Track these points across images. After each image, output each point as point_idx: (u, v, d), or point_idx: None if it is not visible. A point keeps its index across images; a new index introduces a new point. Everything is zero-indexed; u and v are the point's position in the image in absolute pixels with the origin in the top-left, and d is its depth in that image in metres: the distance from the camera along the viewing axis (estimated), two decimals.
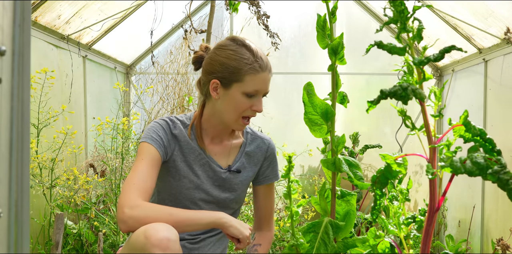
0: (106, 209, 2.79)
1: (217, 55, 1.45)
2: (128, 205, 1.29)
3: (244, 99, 1.43)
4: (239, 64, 1.42)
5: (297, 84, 3.81)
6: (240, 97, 1.43)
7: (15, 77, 0.68)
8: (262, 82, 1.43)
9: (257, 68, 1.41)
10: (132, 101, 3.86)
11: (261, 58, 1.44)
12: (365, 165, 3.86)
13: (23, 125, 0.69)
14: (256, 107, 1.44)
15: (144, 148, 1.43)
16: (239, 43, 1.45)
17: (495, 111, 2.82)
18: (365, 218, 3.35)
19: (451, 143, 1.15)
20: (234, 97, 1.43)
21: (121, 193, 1.35)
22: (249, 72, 1.41)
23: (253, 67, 1.41)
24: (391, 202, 1.49)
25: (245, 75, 1.41)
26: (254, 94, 1.44)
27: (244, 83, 1.41)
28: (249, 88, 1.42)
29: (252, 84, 1.42)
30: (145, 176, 1.37)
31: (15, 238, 0.68)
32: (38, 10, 2.51)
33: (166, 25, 3.69)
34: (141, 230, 1.25)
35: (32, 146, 2.38)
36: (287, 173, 1.31)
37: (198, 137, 1.52)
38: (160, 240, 1.21)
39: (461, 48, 1.07)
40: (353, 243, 1.40)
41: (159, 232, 1.22)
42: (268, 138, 1.63)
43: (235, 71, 1.41)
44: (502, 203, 2.68)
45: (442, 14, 3.03)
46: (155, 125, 1.49)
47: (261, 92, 1.45)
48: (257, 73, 1.42)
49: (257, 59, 1.42)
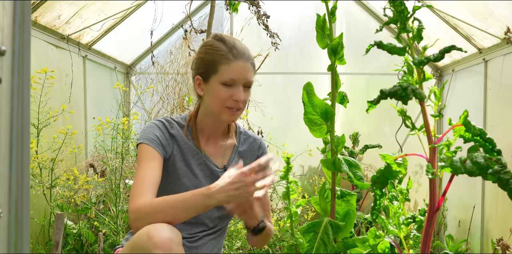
0: (106, 209, 2.79)
1: (199, 52, 1.50)
2: (131, 210, 1.33)
3: (223, 90, 1.44)
4: (214, 56, 1.44)
5: (297, 84, 3.81)
6: (219, 87, 1.44)
7: (15, 77, 0.68)
8: (236, 71, 1.43)
9: (230, 57, 1.43)
10: (132, 101, 3.86)
11: (236, 47, 1.45)
12: (365, 165, 3.86)
13: (23, 125, 0.69)
14: (236, 97, 1.43)
15: (142, 150, 1.44)
16: (217, 38, 1.48)
17: (495, 111, 2.82)
18: (365, 218, 3.35)
19: (451, 143, 1.15)
20: (214, 89, 1.44)
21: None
22: (223, 62, 1.43)
23: (226, 57, 1.43)
24: (391, 202, 1.49)
25: (219, 66, 1.43)
26: (232, 84, 1.44)
27: (220, 74, 1.43)
28: (225, 77, 1.43)
29: (226, 73, 1.43)
30: (147, 176, 1.38)
31: (15, 238, 0.68)
32: (38, 10, 2.51)
33: (166, 25, 3.69)
34: (144, 230, 1.25)
35: (32, 146, 2.38)
36: (286, 174, 1.30)
37: (194, 137, 1.53)
38: (163, 241, 1.21)
39: (461, 48, 1.07)
40: (353, 243, 1.40)
41: (162, 233, 1.22)
42: (260, 137, 1.65)
43: (210, 64, 1.45)
44: (502, 203, 2.68)
45: (442, 14, 3.03)
46: (151, 125, 1.50)
47: (238, 81, 1.44)
48: (231, 62, 1.43)
49: (231, 49, 1.44)
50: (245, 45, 1.50)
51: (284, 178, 1.31)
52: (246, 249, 2.91)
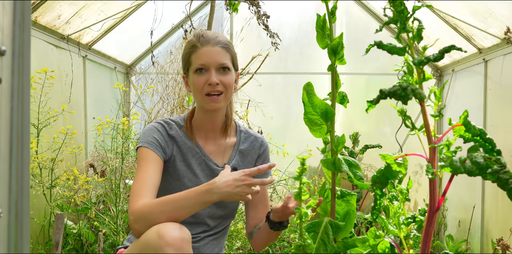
0: (106, 209, 2.79)
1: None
2: (130, 212, 1.33)
3: (197, 77, 1.47)
4: (186, 50, 1.51)
5: (297, 84, 3.81)
6: (194, 77, 1.48)
7: (15, 77, 0.68)
8: (205, 56, 1.47)
9: (197, 45, 1.47)
10: (132, 101, 3.86)
11: (203, 36, 1.49)
12: (365, 165, 3.86)
13: (23, 125, 0.69)
14: (209, 81, 1.46)
15: (142, 154, 1.45)
16: (194, 34, 1.53)
17: (495, 111, 2.82)
18: (365, 218, 3.35)
19: (451, 143, 1.15)
20: (192, 80, 1.49)
21: None
22: (192, 51, 1.48)
23: (194, 46, 1.48)
24: (391, 202, 1.49)
25: (191, 56, 1.49)
26: (204, 68, 1.47)
27: (192, 63, 1.48)
28: (196, 65, 1.47)
29: (196, 61, 1.47)
30: (146, 178, 1.39)
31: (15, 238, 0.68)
32: (38, 10, 2.51)
33: (166, 25, 3.69)
34: (154, 229, 1.25)
35: (32, 146, 2.38)
36: (300, 175, 1.30)
37: (191, 137, 1.54)
38: (174, 239, 1.21)
39: (461, 48, 1.06)
40: (353, 243, 1.40)
41: (173, 231, 1.22)
42: (261, 136, 1.65)
43: (186, 58, 1.51)
44: (502, 203, 2.68)
45: (442, 14, 3.03)
46: (150, 128, 1.51)
47: (209, 65, 1.47)
48: (198, 49, 1.47)
49: (199, 38, 1.49)
50: (220, 33, 1.54)
51: (298, 179, 1.31)
52: (246, 249, 2.91)
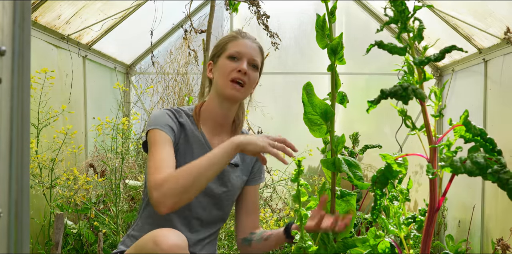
0: (106, 209, 2.79)
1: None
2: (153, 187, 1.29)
3: (228, 62, 1.53)
4: (224, 39, 1.59)
5: (296, 84, 3.80)
6: (226, 61, 1.53)
7: (15, 77, 0.68)
8: (242, 45, 1.54)
9: (238, 37, 1.57)
10: (132, 101, 3.86)
11: (243, 32, 1.59)
12: (365, 165, 3.86)
13: (23, 125, 0.69)
14: (240, 68, 1.51)
15: (155, 135, 1.43)
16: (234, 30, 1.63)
17: (495, 111, 2.82)
18: (365, 218, 3.35)
19: (451, 143, 1.15)
20: (221, 64, 1.54)
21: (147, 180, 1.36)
22: (231, 40, 1.56)
23: (234, 36, 1.57)
24: (391, 202, 1.49)
25: (227, 44, 1.56)
26: (237, 57, 1.53)
27: (227, 50, 1.55)
28: (231, 50, 1.54)
29: (233, 48, 1.54)
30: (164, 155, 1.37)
31: (15, 238, 0.68)
32: (38, 10, 2.51)
33: (166, 25, 3.68)
34: (150, 236, 1.24)
35: (32, 146, 2.38)
36: (297, 176, 1.30)
37: (198, 126, 1.54)
38: (170, 247, 1.20)
39: (461, 48, 1.06)
40: (353, 243, 1.40)
41: (169, 239, 1.21)
42: None
43: (220, 45, 1.58)
44: (502, 203, 2.68)
45: (442, 14, 3.03)
46: (161, 113, 1.49)
47: (244, 55, 1.53)
48: (237, 39, 1.56)
49: (240, 33, 1.58)
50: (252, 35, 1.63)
51: (295, 181, 1.31)
52: None
